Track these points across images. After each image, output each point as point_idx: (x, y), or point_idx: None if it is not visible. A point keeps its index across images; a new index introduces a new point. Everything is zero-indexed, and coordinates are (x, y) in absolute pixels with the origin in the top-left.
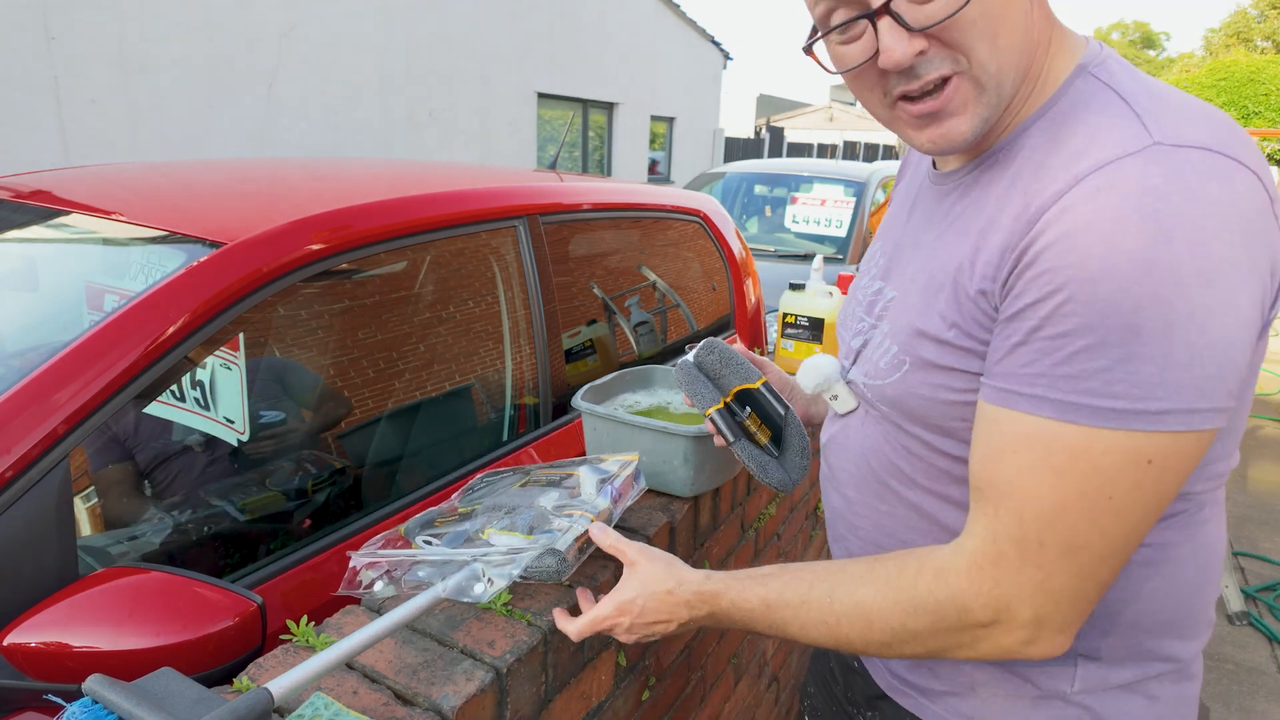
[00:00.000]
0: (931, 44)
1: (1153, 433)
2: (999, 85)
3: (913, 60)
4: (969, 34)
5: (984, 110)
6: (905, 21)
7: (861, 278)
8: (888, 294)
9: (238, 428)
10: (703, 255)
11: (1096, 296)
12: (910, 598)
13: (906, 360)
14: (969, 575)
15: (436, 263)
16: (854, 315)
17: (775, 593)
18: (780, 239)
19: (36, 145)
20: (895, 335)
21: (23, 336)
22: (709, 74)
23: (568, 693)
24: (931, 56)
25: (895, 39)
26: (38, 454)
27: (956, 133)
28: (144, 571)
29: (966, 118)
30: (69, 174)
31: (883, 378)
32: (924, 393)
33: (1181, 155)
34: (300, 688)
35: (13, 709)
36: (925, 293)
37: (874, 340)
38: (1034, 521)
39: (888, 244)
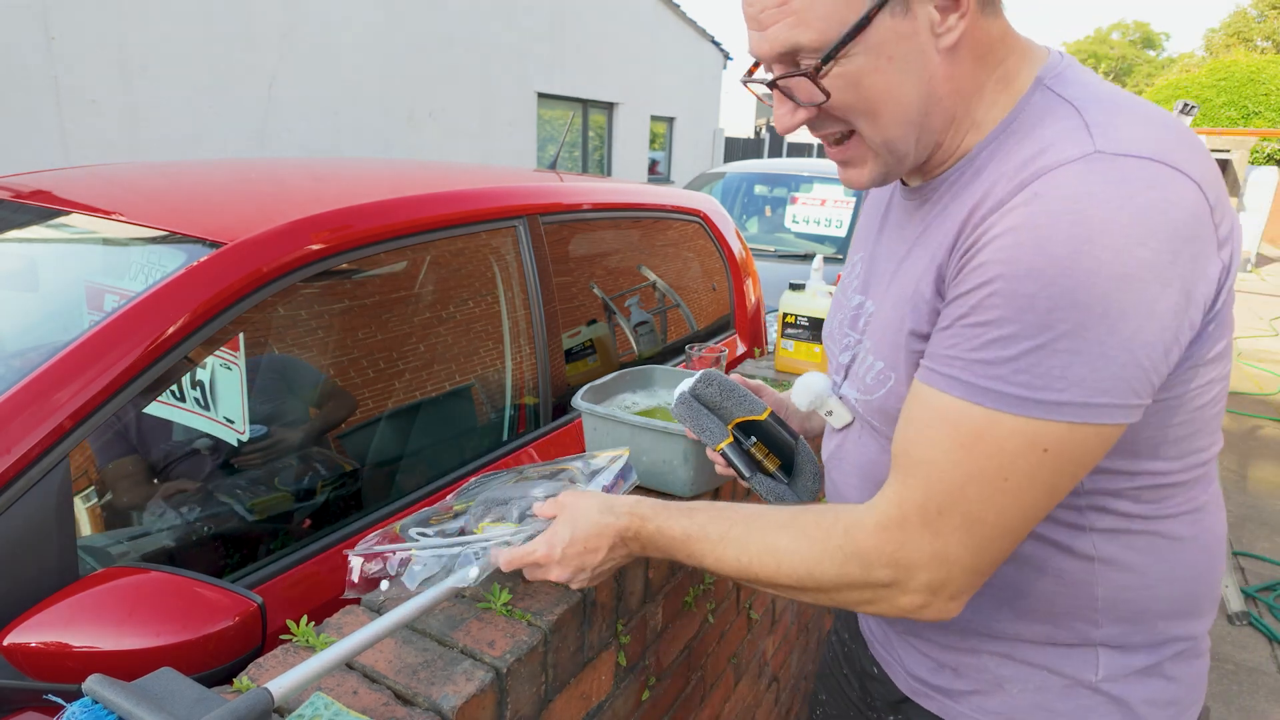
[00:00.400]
0: (819, 112)
1: (1049, 421)
2: (890, 150)
3: (799, 125)
4: (846, 113)
5: (880, 167)
6: (792, 95)
7: (844, 291)
8: (868, 308)
9: (238, 428)
10: (703, 255)
11: (1018, 292)
12: (821, 549)
13: (891, 376)
14: (876, 535)
15: (436, 263)
16: (840, 330)
17: (698, 526)
18: (780, 239)
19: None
20: (878, 351)
21: (23, 336)
22: (709, 74)
23: (568, 692)
24: (821, 120)
25: (782, 110)
26: (38, 454)
27: (857, 180)
28: (144, 571)
29: (865, 170)
30: (69, 174)
31: (871, 393)
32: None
33: (1120, 163)
34: (300, 688)
35: (13, 709)
36: (898, 308)
37: (860, 356)
38: (938, 492)
39: (864, 256)
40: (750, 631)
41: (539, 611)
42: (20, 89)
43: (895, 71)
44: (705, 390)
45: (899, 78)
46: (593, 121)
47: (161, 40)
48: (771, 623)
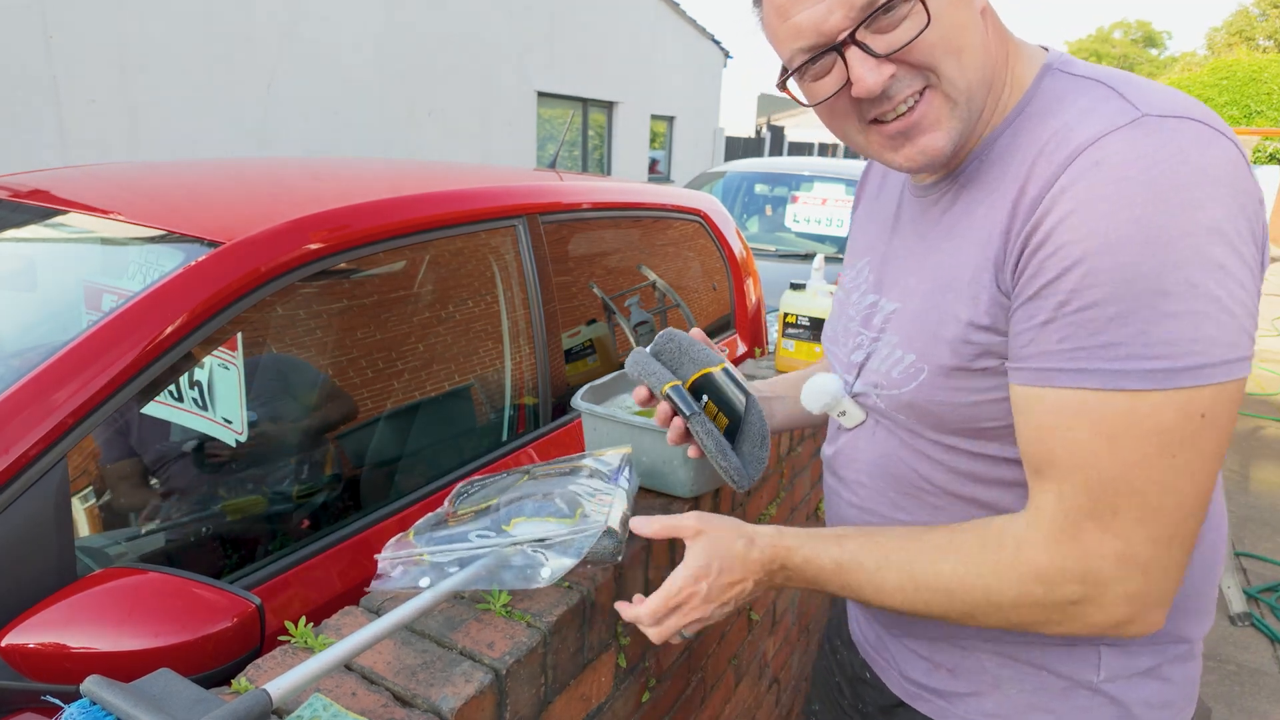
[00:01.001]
0: (900, 67)
1: (1199, 387)
2: (969, 99)
3: (884, 85)
4: (933, 54)
5: (958, 124)
6: (872, 50)
7: (848, 294)
8: (885, 306)
9: (236, 428)
10: (703, 255)
11: (1117, 264)
12: (993, 571)
13: (925, 368)
14: (1050, 550)
15: (436, 262)
16: (847, 331)
17: (850, 555)
18: (781, 238)
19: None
20: (908, 344)
21: (21, 336)
22: (709, 73)
23: (568, 694)
24: (901, 77)
25: (865, 68)
26: (36, 454)
27: (934, 148)
28: (142, 572)
29: (942, 132)
30: (68, 173)
31: (898, 387)
32: (944, 397)
33: (1170, 124)
34: (299, 689)
35: (11, 710)
36: (934, 299)
37: (879, 352)
38: (1102, 491)
39: (873, 259)
40: (751, 633)
41: (538, 613)
42: (19, 88)
43: (965, 10)
44: (666, 345)
45: (968, 18)
46: (592, 120)
47: (160, 39)
48: (772, 624)
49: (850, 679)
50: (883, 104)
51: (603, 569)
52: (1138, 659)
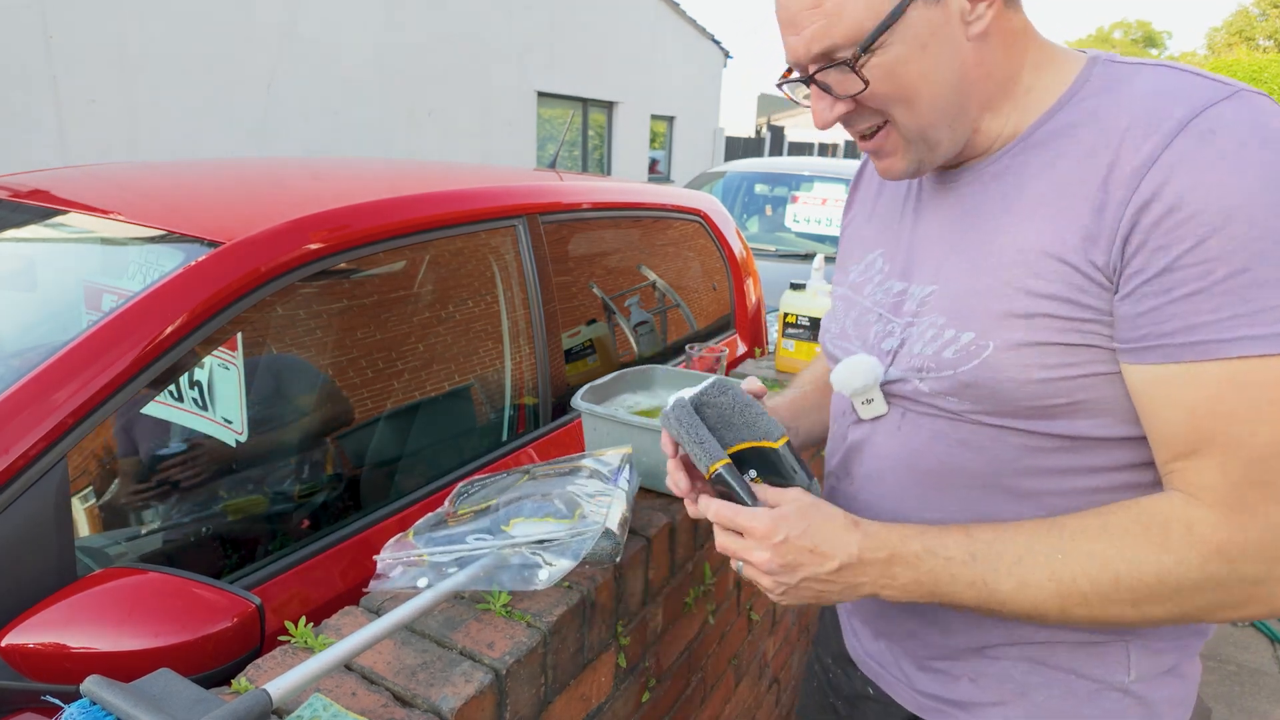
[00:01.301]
0: (856, 105)
1: None
2: (924, 138)
3: (836, 120)
4: (883, 102)
5: (915, 154)
6: (830, 90)
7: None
8: (919, 291)
9: (236, 428)
10: (703, 255)
11: (1258, 225)
12: (1163, 550)
13: (990, 344)
14: (1227, 525)
15: (436, 262)
16: (865, 322)
17: (985, 545)
18: (781, 238)
19: (35, 145)
20: (962, 323)
21: (21, 336)
22: (709, 73)
23: (567, 694)
24: (859, 113)
25: (820, 105)
26: (36, 454)
27: (894, 170)
28: (142, 572)
29: (899, 159)
30: (67, 173)
31: (953, 367)
32: (1013, 374)
33: (1260, 99)
34: (299, 689)
35: (11, 710)
36: (990, 276)
37: (918, 336)
38: (1273, 460)
39: (888, 249)
40: (751, 633)
41: (538, 613)
42: (19, 88)
43: (930, 59)
44: (718, 399)
45: (933, 65)
46: (592, 120)
47: (160, 39)
48: (772, 624)
49: (850, 698)
50: (849, 127)
51: (602, 569)
52: (1163, 657)
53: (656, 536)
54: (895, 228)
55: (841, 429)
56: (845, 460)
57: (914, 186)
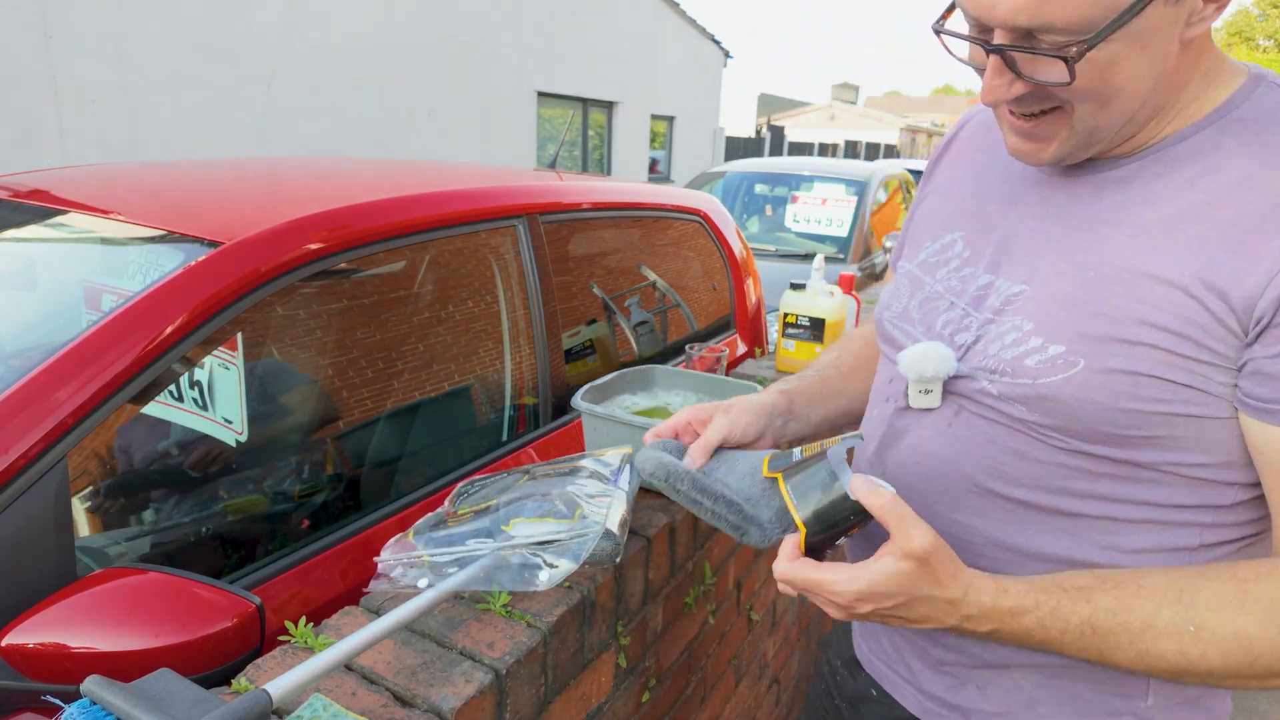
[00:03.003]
0: (1034, 90)
1: None
2: (1091, 135)
3: (1013, 99)
4: (1074, 95)
5: (1068, 148)
6: (1015, 66)
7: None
8: (1005, 288)
9: (236, 428)
10: (703, 255)
11: None
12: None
13: (1080, 362)
14: None
15: (436, 262)
16: (938, 306)
17: (1106, 614)
18: (781, 238)
19: (35, 145)
20: (1051, 333)
21: (21, 336)
22: (709, 73)
23: (567, 694)
24: (1032, 95)
25: (998, 81)
26: (36, 454)
27: (1039, 157)
28: (142, 572)
29: (1051, 148)
30: (67, 173)
31: (1032, 376)
32: (1098, 398)
33: None
34: (299, 689)
35: (11, 710)
36: (1095, 290)
37: (996, 336)
38: None
39: (974, 233)
40: (751, 633)
41: (538, 613)
42: (19, 88)
43: (1144, 60)
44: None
45: (1145, 66)
46: (592, 121)
47: (160, 39)
48: (772, 624)
49: (852, 699)
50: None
51: (602, 569)
52: (1186, 687)
53: (656, 536)
54: (984, 211)
55: (884, 413)
56: (881, 446)
57: (1015, 170)
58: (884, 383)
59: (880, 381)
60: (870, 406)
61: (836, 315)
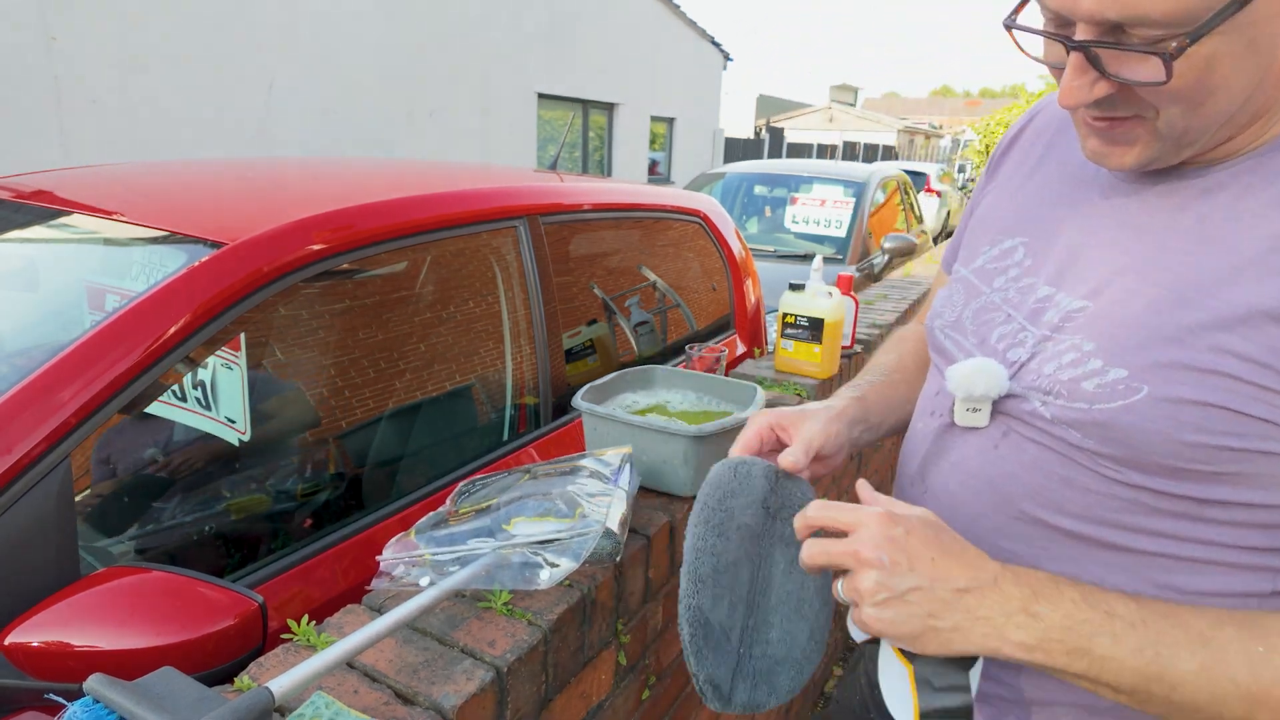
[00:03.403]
0: (1120, 91)
1: None
2: (1180, 140)
3: (1094, 100)
4: (1164, 99)
5: (1155, 153)
6: (1100, 64)
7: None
8: (1066, 303)
9: (239, 427)
10: (703, 255)
11: None
12: None
13: (1143, 388)
14: None
15: (437, 263)
16: (994, 318)
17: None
18: (780, 239)
19: (37, 145)
20: (1113, 356)
21: (24, 336)
22: (709, 74)
23: (568, 692)
24: (1116, 98)
25: (1079, 81)
26: (39, 453)
27: (1115, 161)
28: (145, 571)
29: (1133, 152)
30: (69, 174)
31: (1089, 401)
32: (1162, 428)
33: None
34: (301, 687)
35: (14, 708)
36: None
37: (1052, 355)
38: None
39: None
40: None
41: (539, 611)
42: (20, 89)
43: (1249, 57)
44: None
45: (1249, 64)
46: (593, 122)
47: (161, 40)
48: None
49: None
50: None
51: (602, 568)
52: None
53: (656, 535)
54: (1048, 217)
55: (927, 428)
56: (923, 465)
57: (1088, 172)
58: (930, 395)
59: (927, 392)
60: (915, 419)
61: (835, 315)
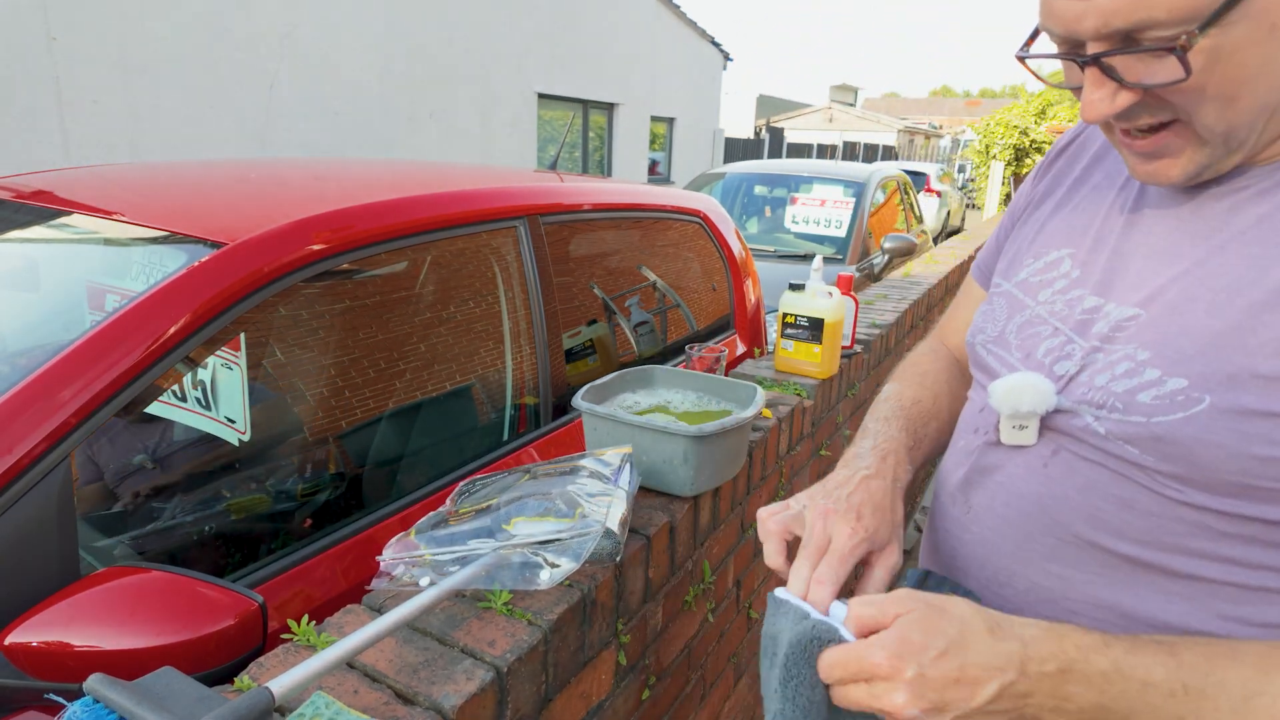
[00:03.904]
0: (1145, 96)
1: None
2: (1228, 140)
3: (1116, 113)
4: (1192, 98)
5: (1203, 160)
6: (1116, 74)
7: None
8: (1116, 312)
9: (239, 427)
10: (703, 255)
11: None
12: None
13: (1205, 399)
14: None
15: (437, 263)
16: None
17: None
18: (780, 239)
19: (38, 145)
20: (1172, 365)
21: (25, 336)
22: (709, 74)
23: (568, 692)
24: (1145, 105)
25: (1098, 94)
26: (40, 453)
27: (1164, 176)
28: (145, 571)
29: (1180, 163)
30: (70, 174)
31: (1147, 414)
32: (1224, 440)
33: None
34: (301, 687)
35: (14, 708)
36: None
37: (1104, 367)
38: None
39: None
40: (750, 631)
41: (539, 611)
42: (21, 89)
43: (1272, 44)
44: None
45: (1274, 51)
46: (593, 122)
47: (162, 41)
48: None
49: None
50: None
51: (602, 567)
52: None
53: (656, 535)
54: (1096, 227)
55: (970, 445)
56: (966, 484)
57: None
58: (974, 412)
59: (970, 410)
60: (957, 436)
61: (835, 315)
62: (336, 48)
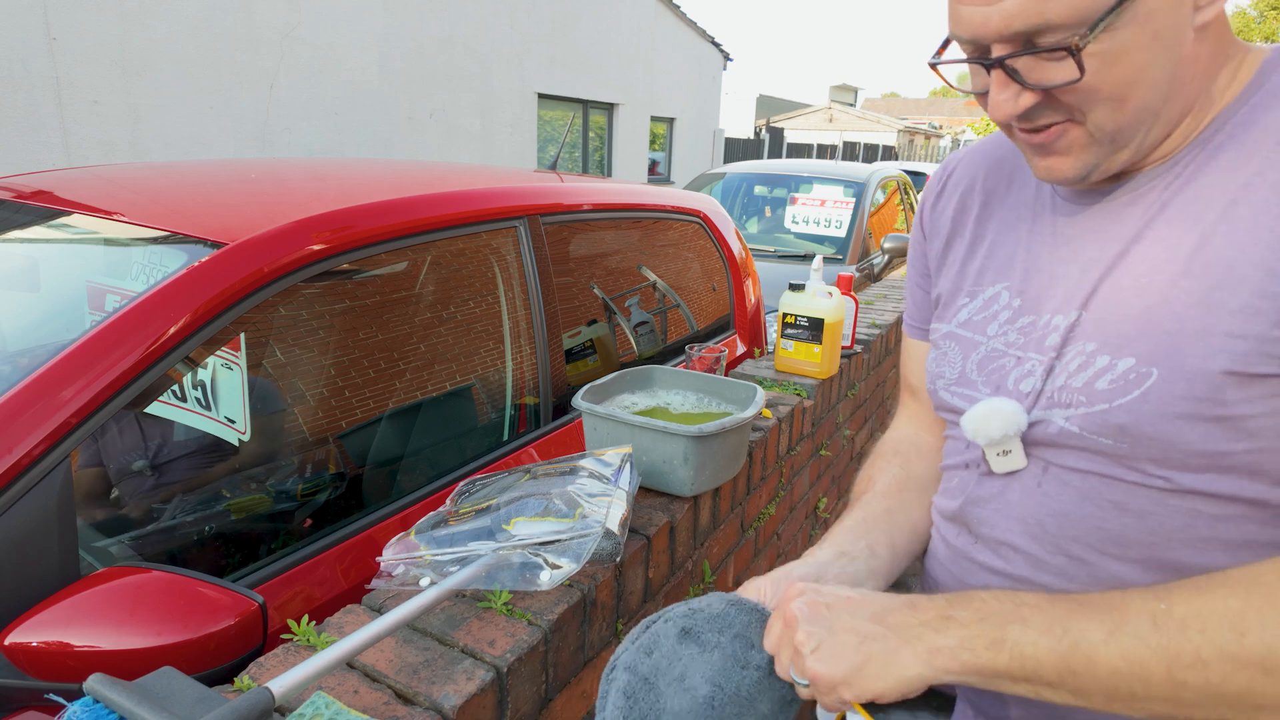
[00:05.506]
0: (1045, 98)
1: None
2: (1115, 140)
3: (1019, 114)
4: (1087, 99)
5: (1094, 158)
6: (1019, 76)
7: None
8: (1062, 321)
9: (238, 427)
10: (703, 255)
11: None
12: None
13: (1153, 371)
14: None
15: (437, 263)
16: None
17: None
18: (780, 239)
19: (38, 146)
20: (1120, 348)
21: (25, 336)
22: (709, 74)
23: (568, 691)
24: (1044, 106)
25: (1004, 95)
26: (40, 453)
27: (1059, 171)
28: (145, 571)
29: (1073, 160)
30: (70, 174)
31: (1107, 400)
32: (1183, 408)
33: None
34: (301, 687)
35: (14, 708)
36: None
37: (1065, 368)
38: None
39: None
40: None
41: (539, 611)
42: (22, 89)
43: (1157, 49)
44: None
45: (1158, 56)
46: (593, 122)
47: (163, 41)
48: None
49: None
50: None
51: (603, 567)
52: None
53: (656, 535)
54: (1022, 257)
55: (965, 480)
56: (963, 516)
57: (1042, 205)
58: (959, 449)
59: (955, 448)
60: (947, 476)
61: (835, 315)
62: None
